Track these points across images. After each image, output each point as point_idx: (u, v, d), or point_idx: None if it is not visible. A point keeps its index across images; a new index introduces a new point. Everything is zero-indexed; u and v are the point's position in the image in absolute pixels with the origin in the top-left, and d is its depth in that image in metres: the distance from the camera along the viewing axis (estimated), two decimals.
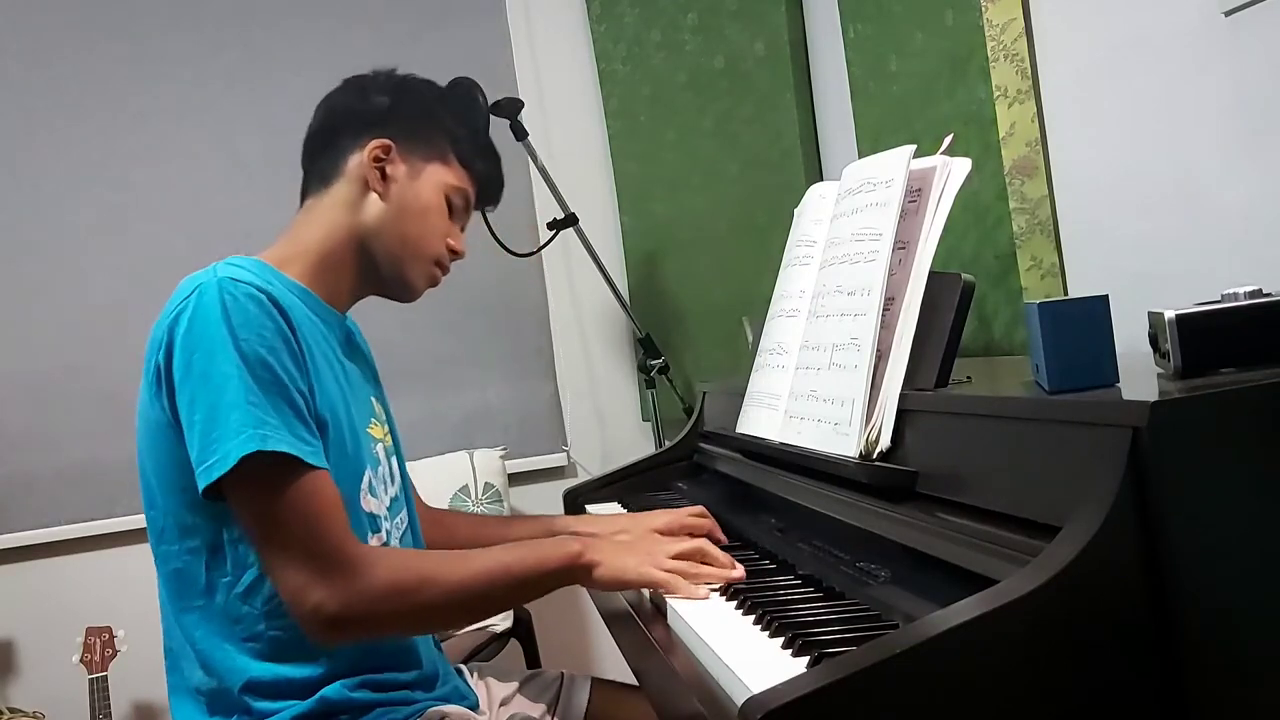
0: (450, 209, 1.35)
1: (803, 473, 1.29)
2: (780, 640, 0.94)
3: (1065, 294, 1.65)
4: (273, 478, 1.07)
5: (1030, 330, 0.95)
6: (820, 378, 1.26)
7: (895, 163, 1.20)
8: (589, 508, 1.89)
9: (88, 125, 2.57)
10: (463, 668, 1.46)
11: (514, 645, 2.37)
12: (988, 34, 1.73)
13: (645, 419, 2.70)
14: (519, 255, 2.37)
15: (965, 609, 0.71)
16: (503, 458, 2.56)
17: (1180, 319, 0.85)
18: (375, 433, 1.30)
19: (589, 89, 2.75)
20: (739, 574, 1.16)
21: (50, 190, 2.55)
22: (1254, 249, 1.30)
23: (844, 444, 1.15)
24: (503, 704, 1.44)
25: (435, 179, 1.33)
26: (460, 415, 2.72)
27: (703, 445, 1.90)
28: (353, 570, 1.08)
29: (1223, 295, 0.87)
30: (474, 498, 2.46)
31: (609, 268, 2.47)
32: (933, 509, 1.00)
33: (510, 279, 2.69)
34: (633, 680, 1.31)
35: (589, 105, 2.75)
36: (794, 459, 1.30)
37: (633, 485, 1.97)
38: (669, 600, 1.12)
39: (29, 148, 2.55)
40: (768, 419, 1.42)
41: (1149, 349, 0.90)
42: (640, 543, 1.25)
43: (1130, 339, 0.99)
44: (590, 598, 1.47)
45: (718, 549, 1.22)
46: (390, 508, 1.29)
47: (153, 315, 1.15)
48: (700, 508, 1.46)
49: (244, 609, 1.15)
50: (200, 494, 1.08)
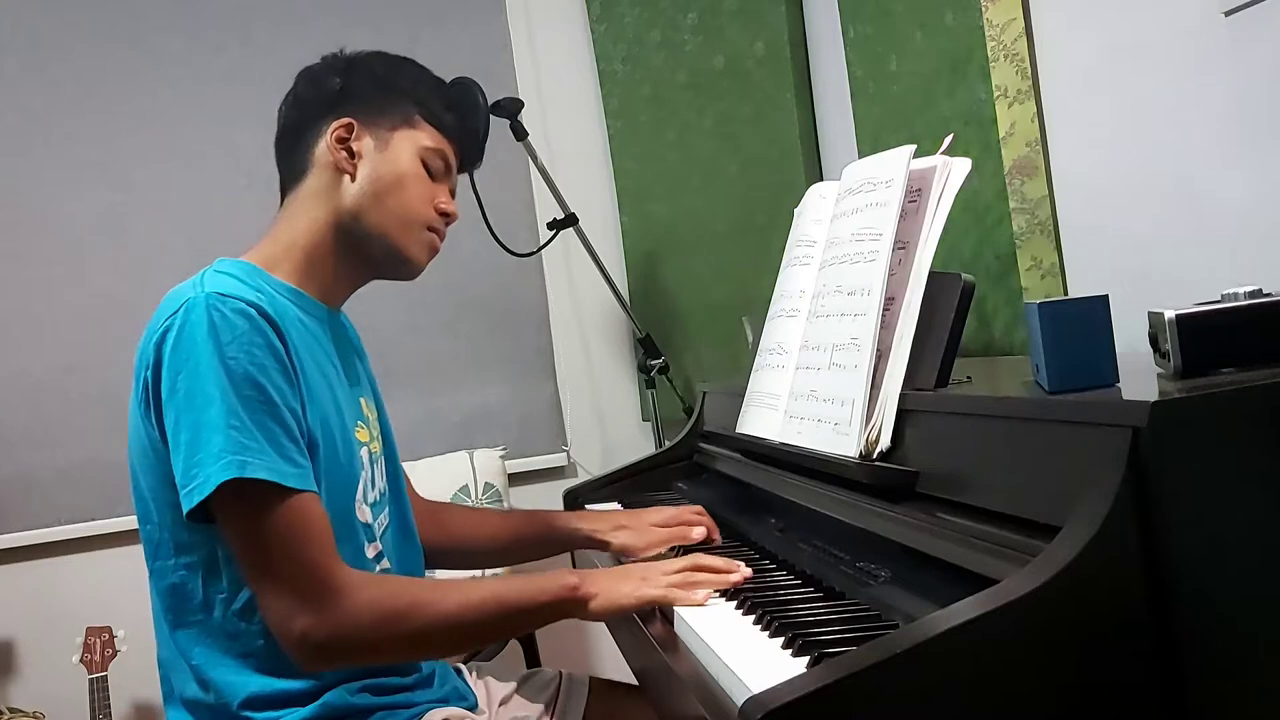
0: (430, 172, 1.30)
1: (803, 473, 1.29)
2: (780, 640, 0.94)
3: (1065, 294, 1.65)
4: (254, 503, 1.05)
5: (1030, 330, 0.95)
6: (820, 378, 1.26)
7: (895, 163, 1.20)
8: (589, 508, 1.89)
9: (88, 125, 2.56)
10: (461, 667, 1.45)
11: (514, 645, 2.37)
12: (988, 34, 1.73)
13: (645, 419, 2.70)
14: (519, 255, 2.37)
15: (965, 609, 0.71)
16: (503, 458, 2.56)
17: (1180, 319, 0.85)
18: (361, 436, 1.28)
19: (589, 89, 2.75)
20: (741, 576, 1.15)
21: (50, 190, 2.55)
22: (1254, 249, 1.30)
23: (844, 444, 1.15)
24: (502, 704, 1.44)
25: (406, 144, 1.28)
26: (460, 415, 2.72)
27: (703, 445, 1.90)
28: (339, 597, 1.06)
29: (1223, 295, 0.87)
30: (474, 498, 2.46)
31: (609, 268, 2.47)
32: (933, 509, 1.00)
33: (510, 279, 2.69)
34: (633, 680, 1.31)
35: (589, 105, 2.75)
36: (794, 459, 1.30)
37: (633, 485, 1.97)
38: (676, 608, 1.12)
39: (29, 148, 2.54)
40: (768, 419, 1.41)
41: (1149, 349, 0.90)
42: (634, 569, 1.22)
43: (1130, 339, 0.99)
44: None
45: (712, 558, 1.20)
46: (373, 508, 1.27)
47: (152, 316, 1.14)
48: (698, 507, 1.46)
49: (241, 625, 1.14)
50: (185, 516, 1.07)
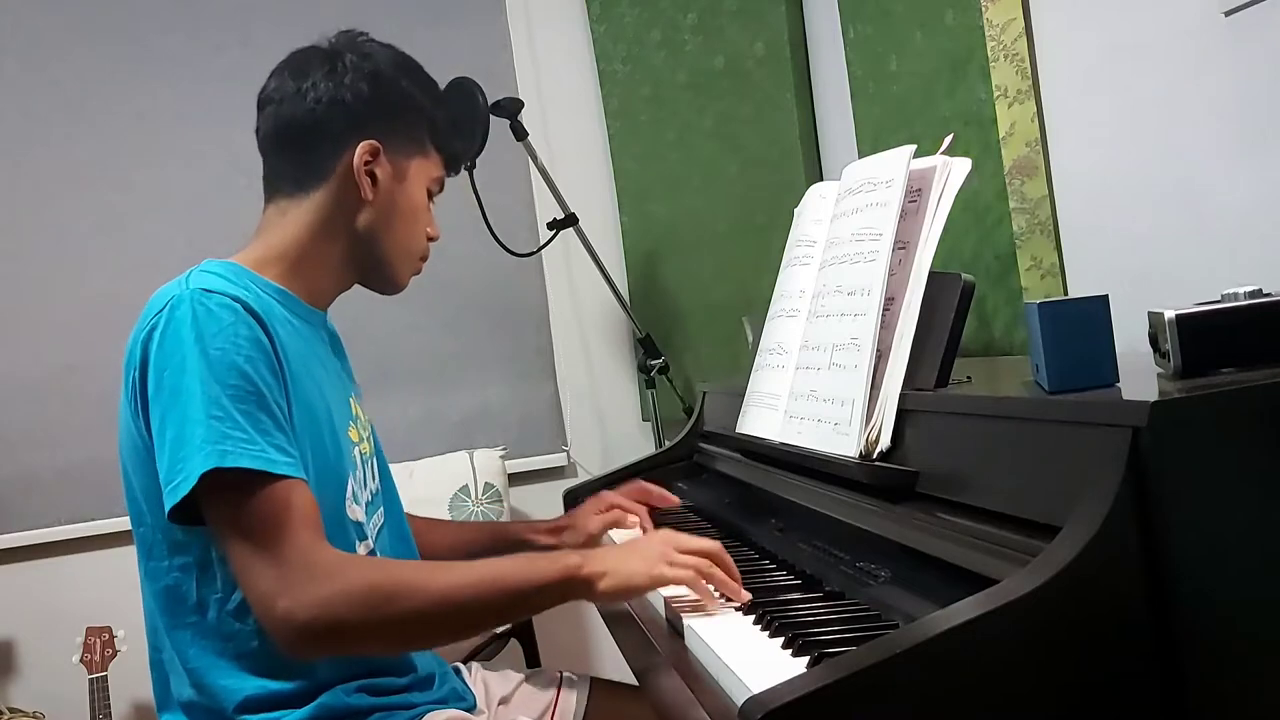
0: (429, 198, 1.32)
1: (803, 473, 1.29)
2: (780, 640, 0.94)
3: (1065, 294, 1.65)
4: (237, 491, 1.04)
5: (1030, 330, 0.95)
6: (820, 378, 1.26)
7: (895, 163, 1.20)
8: None
9: (88, 125, 2.56)
10: (460, 666, 1.45)
11: (514, 644, 2.37)
12: (988, 34, 1.73)
13: (645, 419, 2.70)
14: (519, 255, 2.37)
15: (965, 609, 0.71)
16: (503, 458, 2.56)
17: (1180, 319, 0.85)
18: (353, 436, 1.27)
19: (589, 89, 2.75)
20: (747, 597, 1.08)
21: (50, 190, 2.55)
22: (1254, 249, 1.30)
23: (844, 444, 1.15)
24: (501, 703, 1.44)
25: (419, 176, 1.29)
26: (460, 415, 2.72)
27: (703, 445, 1.90)
28: (323, 576, 1.03)
29: (1223, 295, 0.87)
30: (474, 498, 2.46)
31: (609, 268, 2.47)
32: (933, 509, 1.00)
33: (510, 279, 2.69)
34: (633, 680, 1.31)
35: (589, 105, 2.75)
36: (794, 459, 1.30)
37: None
38: (685, 619, 1.06)
39: (29, 148, 2.54)
40: (768, 419, 1.41)
41: (1149, 349, 0.90)
42: (641, 544, 1.16)
43: (1130, 339, 0.99)
44: None
45: (729, 561, 1.13)
46: (368, 507, 1.26)
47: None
48: (641, 485, 1.52)
49: (236, 625, 1.12)
50: (167, 515, 1.06)
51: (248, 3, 2.63)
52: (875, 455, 1.11)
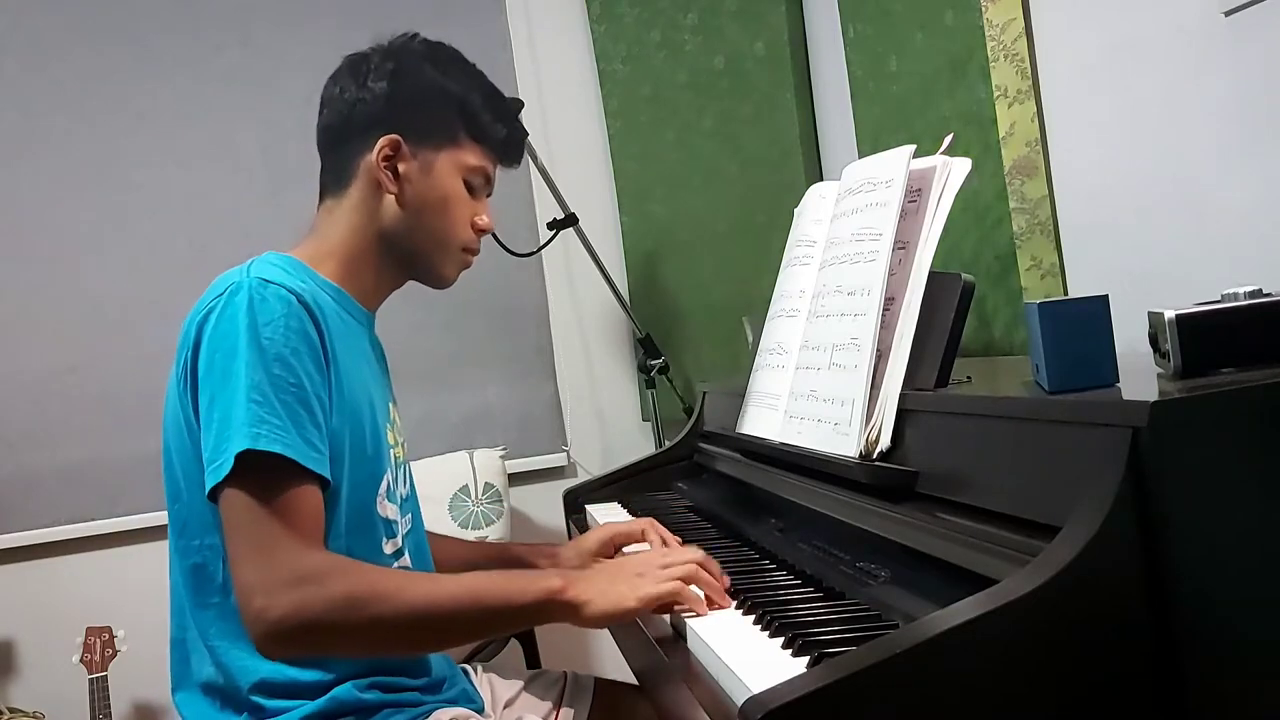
0: (471, 188, 1.30)
1: (803, 473, 1.29)
2: (780, 640, 0.94)
3: (1065, 294, 1.65)
4: (261, 475, 1.05)
5: (1030, 330, 0.95)
6: (820, 378, 1.26)
7: (895, 163, 1.20)
8: (589, 508, 1.89)
9: (88, 126, 2.56)
10: (467, 667, 1.45)
11: (515, 645, 2.37)
12: (988, 34, 1.73)
13: (645, 419, 2.70)
14: (519, 255, 2.37)
15: (965, 609, 0.71)
16: (503, 458, 2.56)
17: (1180, 319, 0.85)
18: (390, 438, 1.29)
19: (589, 89, 2.75)
20: (728, 602, 1.09)
21: (50, 190, 2.55)
22: (1254, 249, 1.30)
23: (844, 444, 1.15)
24: (507, 705, 1.44)
25: (449, 166, 1.28)
26: (460, 415, 2.72)
27: (703, 445, 1.90)
28: (305, 580, 1.03)
29: (1223, 295, 0.87)
30: (474, 498, 2.46)
31: (609, 268, 2.47)
32: (933, 509, 1.00)
33: (510, 279, 2.69)
34: (633, 679, 1.31)
35: (589, 105, 2.75)
36: (794, 459, 1.30)
37: (633, 485, 1.97)
38: (687, 620, 1.05)
39: (29, 148, 2.54)
40: (768, 419, 1.42)
41: (1149, 349, 0.90)
42: (625, 565, 1.16)
43: (1130, 339, 0.99)
44: None
45: (714, 565, 1.14)
46: (401, 506, 1.28)
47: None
48: (648, 521, 1.45)
49: None
50: (207, 494, 1.08)
51: (248, 3, 2.62)
52: (875, 455, 1.11)
